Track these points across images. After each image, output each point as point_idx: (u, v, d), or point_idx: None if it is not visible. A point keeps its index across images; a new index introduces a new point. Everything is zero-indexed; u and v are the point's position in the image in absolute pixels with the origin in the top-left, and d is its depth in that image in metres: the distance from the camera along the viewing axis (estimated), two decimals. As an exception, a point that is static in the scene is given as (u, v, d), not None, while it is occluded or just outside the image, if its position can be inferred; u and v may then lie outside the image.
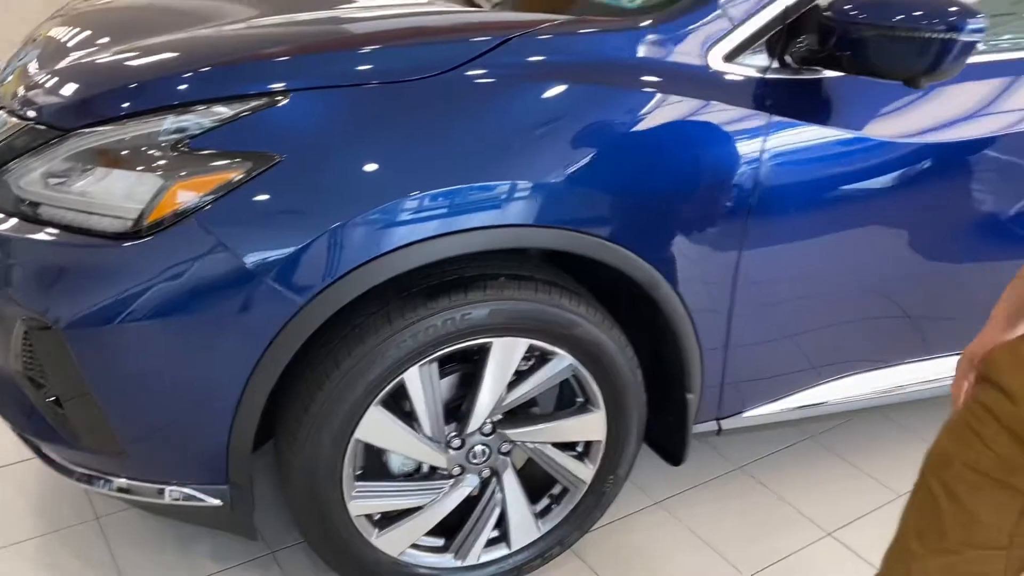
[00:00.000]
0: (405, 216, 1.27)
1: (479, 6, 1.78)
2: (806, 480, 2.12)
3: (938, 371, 1.96)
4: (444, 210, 1.29)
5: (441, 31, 1.47)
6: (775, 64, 1.51)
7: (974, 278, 1.83)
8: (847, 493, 2.09)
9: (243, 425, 1.36)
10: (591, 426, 1.63)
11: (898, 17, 1.35)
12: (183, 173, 1.23)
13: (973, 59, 1.57)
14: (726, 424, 1.80)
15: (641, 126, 1.39)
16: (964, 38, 1.35)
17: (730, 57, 1.49)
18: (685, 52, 1.46)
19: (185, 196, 1.23)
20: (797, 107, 1.52)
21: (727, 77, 1.48)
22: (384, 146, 1.27)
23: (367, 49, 1.34)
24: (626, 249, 1.45)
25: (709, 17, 1.48)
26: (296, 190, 1.24)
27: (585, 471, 1.68)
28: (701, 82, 1.46)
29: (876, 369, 1.91)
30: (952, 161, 1.67)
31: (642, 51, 1.44)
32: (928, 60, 1.37)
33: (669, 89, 1.42)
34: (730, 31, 1.48)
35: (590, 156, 1.37)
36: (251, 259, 1.23)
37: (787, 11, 1.49)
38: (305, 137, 1.26)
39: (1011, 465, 1.00)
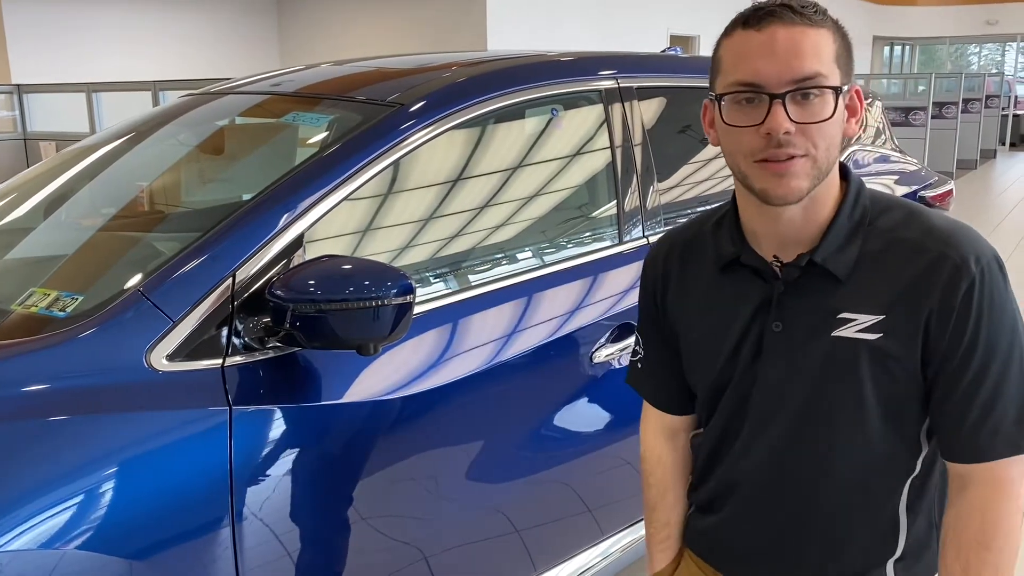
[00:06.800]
0: None
1: None
2: None
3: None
4: None
5: None
6: (232, 350, 1.42)
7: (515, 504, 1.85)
8: None
9: None
10: None
11: (322, 292, 1.37)
12: None
13: (425, 307, 1.67)
14: None
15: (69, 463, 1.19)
16: (394, 301, 1.39)
17: (177, 354, 1.37)
18: (121, 360, 1.31)
19: None
20: (265, 390, 1.44)
21: (176, 377, 1.35)
22: None
23: None
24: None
25: (142, 317, 1.36)
26: None
27: None
28: (144, 390, 1.31)
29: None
30: (444, 401, 1.71)
31: (62, 370, 1.26)
32: (368, 327, 1.39)
33: (105, 407, 1.26)
34: (171, 328, 1.38)
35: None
36: None
37: (232, 296, 1.43)
38: None
39: None
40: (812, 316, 1.10)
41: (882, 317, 1.07)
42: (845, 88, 1.06)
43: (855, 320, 1.08)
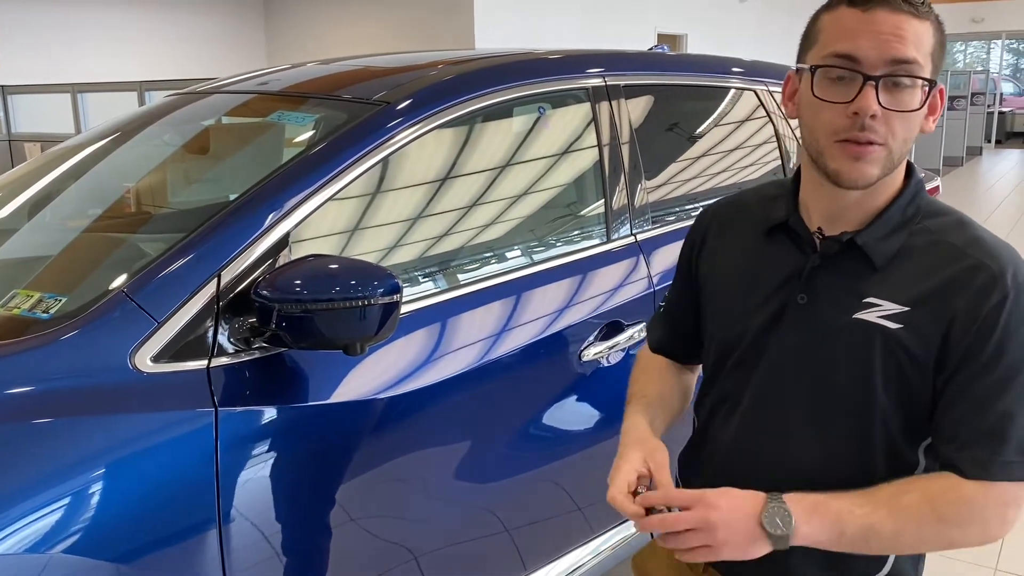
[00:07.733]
0: None
1: None
2: None
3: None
4: None
5: None
6: (218, 351, 1.41)
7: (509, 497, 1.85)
8: None
9: None
10: None
11: (308, 292, 1.36)
12: None
13: (413, 307, 1.66)
14: None
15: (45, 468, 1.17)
16: (381, 300, 1.39)
17: (162, 356, 1.36)
18: (106, 361, 1.30)
19: None
20: (251, 391, 1.43)
21: (161, 379, 1.34)
22: None
23: None
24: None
25: (127, 318, 1.35)
26: None
27: None
28: (129, 392, 1.30)
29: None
30: (432, 401, 1.70)
31: (45, 372, 1.25)
32: (355, 327, 1.38)
33: (89, 409, 1.24)
34: (156, 329, 1.36)
35: None
36: None
37: (217, 296, 1.42)
38: None
39: None
40: (839, 294, 1.11)
41: (907, 309, 1.07)
42: (935, 84, 1.06)
43: (879, 306, 1.08)
